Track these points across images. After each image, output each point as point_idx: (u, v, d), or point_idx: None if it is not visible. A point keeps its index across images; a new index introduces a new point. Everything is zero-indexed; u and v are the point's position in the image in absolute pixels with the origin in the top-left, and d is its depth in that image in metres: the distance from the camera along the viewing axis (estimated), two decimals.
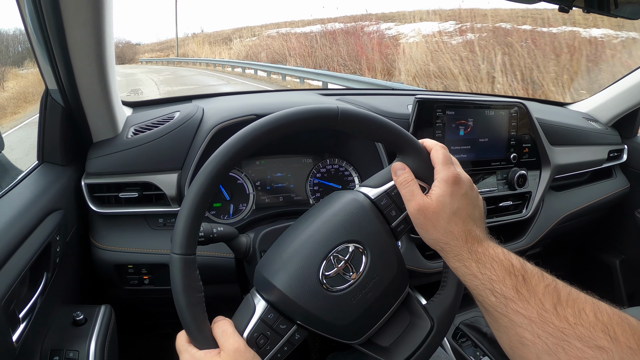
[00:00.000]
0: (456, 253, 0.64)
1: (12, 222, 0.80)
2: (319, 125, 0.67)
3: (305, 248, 0.67)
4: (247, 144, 0.63)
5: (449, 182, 0.65)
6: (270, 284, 0.66)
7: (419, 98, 1.22)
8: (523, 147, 1.40)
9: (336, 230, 0.68)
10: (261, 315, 0.65)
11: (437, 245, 0.66)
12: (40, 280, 0.87)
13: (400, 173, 0.68)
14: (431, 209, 0.64)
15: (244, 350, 0.59)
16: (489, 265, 0.61)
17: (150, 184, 1.07)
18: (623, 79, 1.73)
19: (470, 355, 1.23)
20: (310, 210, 0.74)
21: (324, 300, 0.65)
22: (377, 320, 0.69)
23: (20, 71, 5.26)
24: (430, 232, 0.65)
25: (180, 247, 0.59)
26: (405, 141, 0.69)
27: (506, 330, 0.59)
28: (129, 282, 1.12)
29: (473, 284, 0.62)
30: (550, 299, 0.55)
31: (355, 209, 0.70)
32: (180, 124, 1.11)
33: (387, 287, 0.68)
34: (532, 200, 1.44)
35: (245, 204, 1.21)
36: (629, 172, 1.83)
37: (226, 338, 0.59)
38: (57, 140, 1.02)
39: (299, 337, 0.66)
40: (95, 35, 0.86)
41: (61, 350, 0.86)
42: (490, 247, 0.63)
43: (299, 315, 0.65)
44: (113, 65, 0.97)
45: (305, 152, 1.29)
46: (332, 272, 0.66)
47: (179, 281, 0.59)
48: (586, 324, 0.52)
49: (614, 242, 1.94)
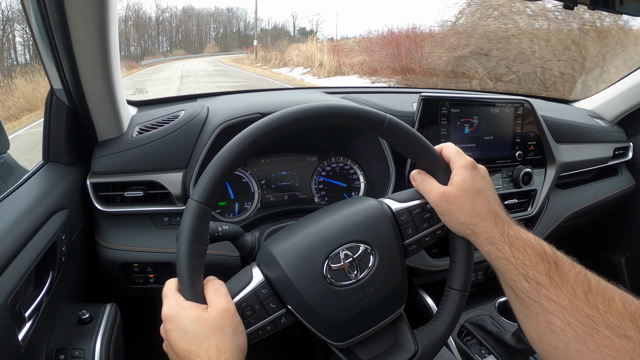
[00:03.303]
0: (488, 235, 0.64)
1: (17, 221, 0.80)
2: (362, 127, 0.68)
3: (319, 235, 0.68)
4: (290, 122, 0.64)
5: (468, 167, 0.67)
6: (274, 260, 0.66)
7: (423, 96, 1.22)
8: (528, 145, 1.40)
9: (352, 228, 0.69)
10: (255, 287, 0.65)
11: (467, 228, 0.66)
12: (45, 279, 0.87)
13: (417, 176, 0.71)
14: (453, 194, 0.65)
15: (233, 312, 0.59)
16: (522, 250, 0.61)
17: (155, 182, 1.07)
18: (628, 76, 1.72)
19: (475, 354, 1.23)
20: (331, 205, 0.75)
21: (322, 290, 0.65)
22: (365, 330, 0.69)
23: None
24: (456, 216, 0.66)
25: (200, 195, 0.60)
26: (436, 162, 0.71)
27: (536, 316, 0.58)
28: (135, 280, 1.12)
29: (506, 268, 0.62)
30: (582, 286, 0.56)
31: (376, 214, 0.71)
32: (185, 122, 1.11)
33: (385, 299, 0.68)
34: (538, 198, 1.43)
35: (250, 203, 1.21)
36: (635, 169, 1.82)
37: (218, 297, 0.59)
38: (62, 140, 1.02)
39: (284, 321, 0.66)
40: (100, 35, 0.86)
41: (67, 349, 0.86)
42: (521, 231, 0.64)
43: (291, 299, 0.65)
44: (118, 65, 0.97)
45: (310, 151, 1.29)
46: (337, 266, 0.66)
47: (187, 227, 0.59)
48: (615, 313, 0.52)
49: (620, 240, 1.93)
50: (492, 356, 1.22)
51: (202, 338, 0.55)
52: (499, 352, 1.22)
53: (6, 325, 0.70)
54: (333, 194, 1.29)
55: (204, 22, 57.66)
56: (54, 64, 0.92)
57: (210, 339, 0.55)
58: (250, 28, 61.23)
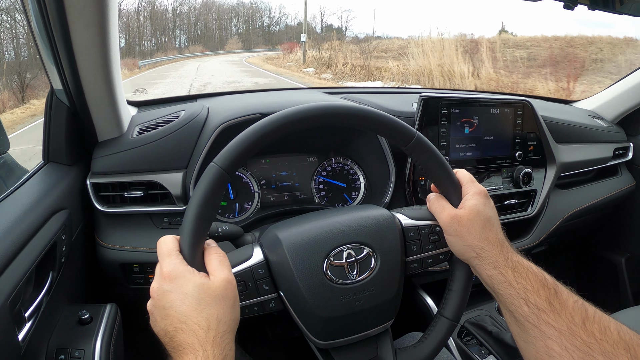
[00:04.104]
0: (493, 259, 0.66)
1: (17, 221, 0.80)
2: (392, 137, 0.69)
3: (326, 229, 0.69)
4: (327, 114, 0.65)
5: (481, 194, 0.70)
6: (278, 242, 0.67)
7: (423, 96, 1.22)
8: (528, 145, 1.40)
9: (361, 230, 0.70)
10: (253, 265, 0.66)
11: (472, 251, 0.67)
12: (45, 279, 0.87)
13: (432, 197, 0.74)
14: (465, 217, 0.68)
15: (234, 285, 0.59)
16: (524, 275, 0.63)
17: (155, 183, 1.07)
18: (628, 76, 1.72)
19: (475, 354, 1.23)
20: (344, 207, 0.76)
21: (317, 283, 0.65)
22: (349, 335, 0.69)
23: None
24: (465, 238, 0.67)
25: (224, 160, 0.60)
26: (453, 186, 0.72)
27: (534, 341, 0.60)
28: (135, 281, 1.12)
29: (507, 292, 0.64)
30: (579, 313, 0.58)
31: (386, 223, 0.72)
32: (185, 123, 1.11)
33: (376, 307, 0.68)
34: (538, 198, 1.43)
35: (251, 203, 1.21)
36: (635, 169, 1.82)
37: (222, 267, 0.59)
38: (62, 140, 1.02)
39: (272, 306, 0.67)
40: (100, 35, 0.86)
41: (67, 349, 0.85)
42: (524, 259, 0.67)
43: (286, 285, 0.66)
44: (118, 65, 0.97)
45: (310, 151, 1.29)
46: (338, 262, 0.66)
47: (203, 189, 0.59)
48: (610, 341, 0.54)
49: (620, 240, 1.93)
50: (492, 356, 1.23)
51: (204, 305, 0.55)
52: (499, 352, 1.22)
53: (6, 326, 0.70)
54: (333, 194, 1.29)
55: (225, 15, 53.95)
56: (54, 64, 0.92)
57: (212, 308, 0.55)
58: (275, 24, 58.36)
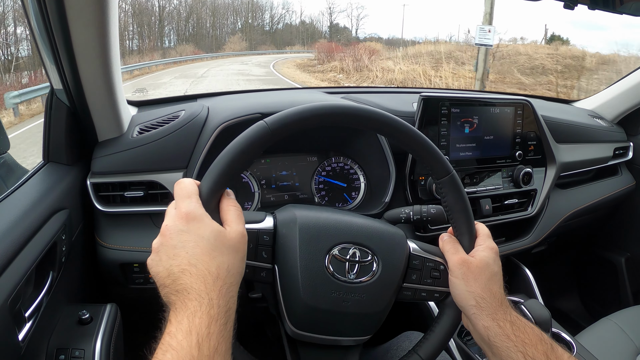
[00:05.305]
0: (491, 311, 0.67)
1: (17, 221, 0.80)
2: (428, 164, 0.71)
3: (342, 224, 0.70)
4: (382, 124, 0.67)
5: (493, 250, 0.72)
6: (293, 218, 0.68)
7: (424, 96, 1.22)
8: (528, 145, 1.40)
9: (374, 237, 0.71)
10: (261, 229, 0.67)
11: (473, 299, 0.68)
12: (45, 279, 0.87)
13: (446, 237, 0.76)
14: (474, 264, 0.69)
15: (246, 240, 0.60)
16: (522, 329, 0.65)
17: (155, 182, 1.07)
18: (628, 76, 1.72)
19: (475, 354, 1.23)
20: (365, 216, 0.77)
21: (315, 268, 0.66)
22: (323, 333, 0.69)
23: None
24: (470, 284, 0.69)
25: (273, 122, 0.60)
26: (469, 233, 0.73)
27: None
28: (135, 280, 1.12)
29: (504, 345, 0.65)
30: None
31: (398, 241, 0.73)
32: (185, 122, 1.11)
33: (360, 315, 0.68)
34: (538, 198, 1.43)
35: (251, 203, 1.21)
36: (635, 169, 1.82)
37: (239, 221, 0.59)
38: (62, 140, 1.02)
39: (263, 275, 0.67)
40: (100, 35, 0.86)
41: (67, 349, 0.85)
42: (521, 316, 0.68)
43: (283, 259, 0.66)
44: (118, 65, 0.97)
45: (310, 151, 1.29)
46: (341, 257, 0.67)
47: (243, 140, 0.59)
48: None
49: (619, 240, 1.93)
50: None
51: (217, 252, 0.55)
52: None
53: (6, 326, 0.70)
54: (333, 194, 1.29)
55: (222, 10, 48.03)
56: (54, 64, 0.92)
57: (225, 256, 0.55)
58: (277, 21, 54.02)
